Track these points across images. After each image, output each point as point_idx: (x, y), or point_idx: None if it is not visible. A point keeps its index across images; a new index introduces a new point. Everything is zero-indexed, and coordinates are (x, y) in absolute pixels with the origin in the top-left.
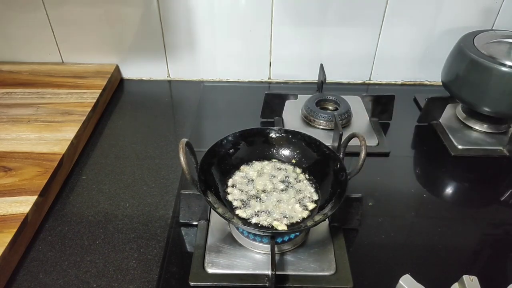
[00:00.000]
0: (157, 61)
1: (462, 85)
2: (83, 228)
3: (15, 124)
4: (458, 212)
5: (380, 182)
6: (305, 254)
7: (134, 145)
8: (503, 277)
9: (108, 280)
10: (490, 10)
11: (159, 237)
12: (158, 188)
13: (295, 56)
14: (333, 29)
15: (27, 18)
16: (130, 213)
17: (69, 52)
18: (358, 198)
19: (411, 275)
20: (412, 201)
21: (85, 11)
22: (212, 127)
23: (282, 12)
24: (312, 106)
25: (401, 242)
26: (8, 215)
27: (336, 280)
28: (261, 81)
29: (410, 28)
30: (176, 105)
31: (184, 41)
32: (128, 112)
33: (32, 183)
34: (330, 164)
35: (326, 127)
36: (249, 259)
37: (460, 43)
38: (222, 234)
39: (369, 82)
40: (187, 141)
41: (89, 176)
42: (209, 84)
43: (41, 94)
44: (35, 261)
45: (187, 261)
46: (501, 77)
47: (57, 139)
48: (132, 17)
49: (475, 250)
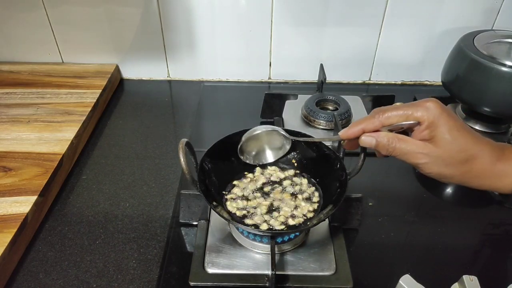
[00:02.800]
0: (157, 61)
1: (462, 85)
2: (83, 228)
3: (15, 124)
4: (458, 212)
5: (380, 182)
6: (305, 254)
7: (134, 145)
8: (503, 277)
9: (108, 280)
10: (490, 10)
11: (159, 237)
12: (158, 188)
13: (295, 56)
14: (333, 29)
15: (27, 18)
16: (130, 213)
17: (69, 52)
18: (358, 198)
19: (411, 275)
20: (412, 201)
21: (85, 11)
22: (212, 127)
23: (282, 12)
24: (312, 106)
25: (401, 242)
26: (8, 215)
27: (336, 280)
28: (261, 81)
29: (410, 28)
30: (176, 105)
31: (184, 41)
32: (128, 112)
33: (32, 183)
34: (330, 164)
35: (326, 127)
36: (249, 259)
37: (460, 43)
38: (222, 234)
39: (369, 82)
40: (187, 141)
41: (89, 176)
42: (209, 84)
43: (41, 94)
44: (35, 261)
45: (187, 261)
46: (501, 77)
47: (57, 139)
48: (132, 17)
49: (475, 250)
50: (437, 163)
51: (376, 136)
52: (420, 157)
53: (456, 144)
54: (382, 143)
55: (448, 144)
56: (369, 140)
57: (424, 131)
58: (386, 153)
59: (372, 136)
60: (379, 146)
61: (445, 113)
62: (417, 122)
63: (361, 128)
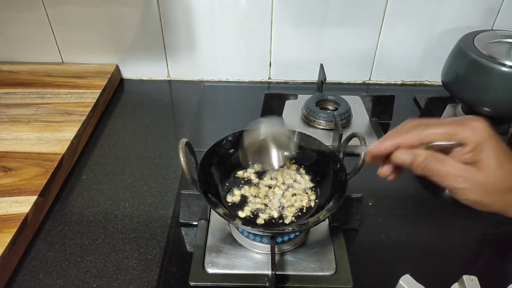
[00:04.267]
0: (157, 61)
1: (462, 85)
2: (83, 228)
3: (15, 124)
4: (458, 212)
5: (380, 182)
6: (305, 254)
7: (134, 145)
8: (503, 277)
9: (108, 280)
10: (490, 10)
11: (159, 237)
12: (158, 188)
13: (295, 56)
14: (333, 29)
15: (27, 18)
16: (130, 213)
17: (69, 52)
18: (358, 198)
19: (411, 275)
20: (412, 201)
21: (85, 11)
22: (212, 127)
23: (282, 12)
24: (312, 106)
25: (401, 242)
26: (8, 215)
27: (336, 280)
28: (261, 81)
29: (410, 28)
30: (176, 105)
31: (184, 41)
32: (128, 112)
33: (32, 183)
34: (330, 164)
35: (326, 127)
36: (249, 259)
37: (460, 43)
38: (222, 234)
39: (369, 82)
40: (187, 141)
41: (89, 176)
42: (209, 84)
43: (41, 94)
44: (35, 261)
45: (187, 261)
46: (501, 77)
47: (57, 139)
48: (132, 17)
49: (475, 250)
50: (478, 190)
51: (412, 154)
52: (460, 181)
53: (503, 171)
54: (417, 162)
55: (494, 170)
56: (404, 157)
57: (467, 153)
58: (420, 172)
59: (408, 153)
60: (413, 165)
61: (493, 137)
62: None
63: (397, 144)
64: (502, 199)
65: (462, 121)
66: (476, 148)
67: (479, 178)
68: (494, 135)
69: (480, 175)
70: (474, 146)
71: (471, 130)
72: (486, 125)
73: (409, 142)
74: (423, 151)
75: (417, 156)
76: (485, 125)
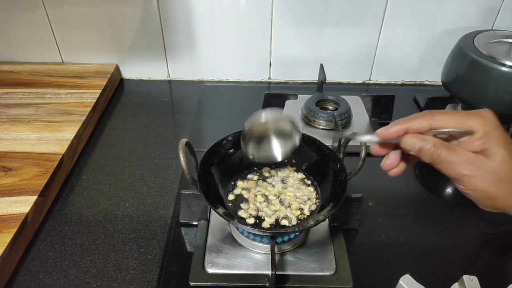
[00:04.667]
0: (157, 61)
1: (462, 85)
2: (83, 228)
3: (15, 124)
4: (458, 212)
5: (380, 182)
6: (305, 254)
7: (134, 145)
8: (503, 277)
9: (108, 280)
10: (490, 10)
11: (159, 237)
12: (158, 188)
13: (295, 56)
14: (333, 29)
15: (27, 18)
16: (130, 213)
17: (69, 52)
18: (358, 198)
19: (411, 275)
20: (412, 201)
21: (85, 11)
22: (212, 127)
23: (282, 12)
24: (312, 106)
25: (401, 242)
26: (8, 215)
27: (336, 280)
28: (261, 81)
29: (410, 28)
30: (176, 105)
31: (184, 41)
32: (128, 112)
33: (32, 183)
34: (330, 164)
35: (326, 127)
36: (249, 259)
37: (460, 43)
38: (222, 234)
39: (369, 82)
40: (187, 141)
41: (89, 176)
42: (209, 84)
43: (41, 94)
44: (35, 261)
45: (187, 261)
46: (501, 77)
47: (57, 139)
48: (132, 17)
49: (475, 250)
50: (486, 178)
51: (421, 139)
52: (469, 168)
53: (510, 159)
54: (426, 148)
55: (502, 158)
56: (412, 142)
57: (476, 141)
58: (428, 160)
59: (418, 138)
60: (422, 151)
61: (500, 127)
62: (469, 130)
63: (405, 128)
64: (509, 190)
65: (471, 111)
66: (484, 136)
67: (488, 165)
68: (501, 126)
69: (489, 162)
70: (482, 134)
71: (480, 118)
72: (494, 116)
73: (419, 126)
74: (432, 137)
75: (427, 142)
76: (493, 116)
